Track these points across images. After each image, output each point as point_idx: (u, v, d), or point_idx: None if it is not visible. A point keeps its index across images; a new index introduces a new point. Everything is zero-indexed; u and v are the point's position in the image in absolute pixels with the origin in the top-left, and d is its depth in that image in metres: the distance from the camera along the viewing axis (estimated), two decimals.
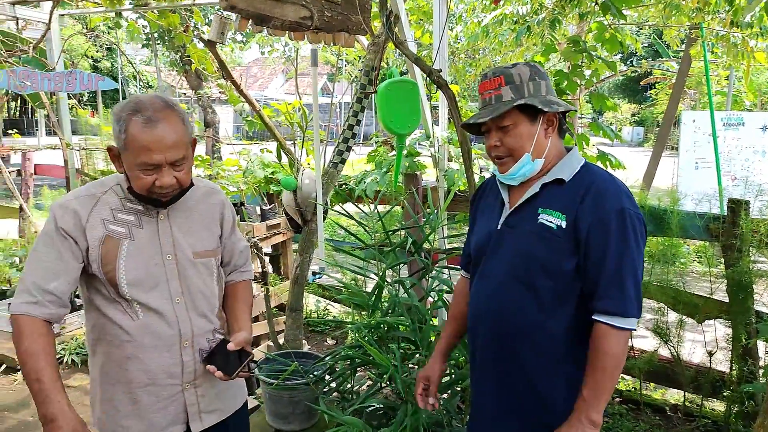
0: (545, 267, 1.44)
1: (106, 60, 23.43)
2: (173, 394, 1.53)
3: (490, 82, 1.50)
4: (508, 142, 1.48)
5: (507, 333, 1.50)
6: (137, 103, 1.41)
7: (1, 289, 4.39)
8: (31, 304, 1.40)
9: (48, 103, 4.92)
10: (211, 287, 1.61)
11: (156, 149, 1.38)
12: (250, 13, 1.98)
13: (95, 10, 4.94)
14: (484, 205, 1.67)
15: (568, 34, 7.16)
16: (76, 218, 1.44)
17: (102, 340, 1.52)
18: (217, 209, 1.65)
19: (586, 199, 1.42)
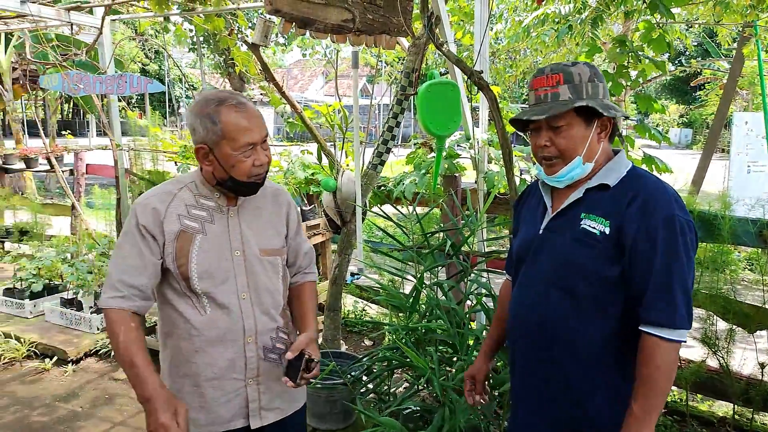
0: (586, 274, 1.40)
1: (153, 63, 24.17)
2: (237, 389, 1.57)
3: (547, 78, 1.43)
4: (560, 143, 1.43)
5: (547, 340, 1.47)
6: (217, 96, 1.49)
7: (54, 284, 4.59)
8: (118, 299, 1.49)
9: (99, 105, 5.11)
10: (277, 285, 1.65)
11: (255, 127, 1.49)
12: (293, 16, 2.01)
13: (144, 15, 5.11)
14: (527, 210, 1.65)
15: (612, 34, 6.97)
16: (156, 214, 1.51)
17: (172, 333, 1.58)
18: (284, 209, 1.70)
19: (633, 205, 1.36)
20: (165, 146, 4.98)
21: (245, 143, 1.47)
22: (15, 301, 4.43)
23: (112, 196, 5.25)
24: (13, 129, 9.67)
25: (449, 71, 3.32)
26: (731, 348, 2.82)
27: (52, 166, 6.31)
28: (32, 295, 4.41)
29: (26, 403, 3.31)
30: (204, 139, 1.49)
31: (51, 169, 6.54)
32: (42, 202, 6.98)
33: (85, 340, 3.98)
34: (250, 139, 1.48)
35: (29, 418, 3.15)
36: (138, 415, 3.20)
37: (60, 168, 6.38)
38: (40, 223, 5.94)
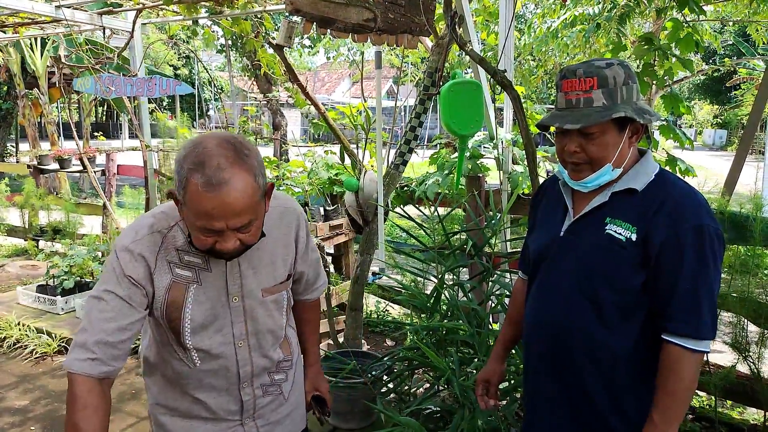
0: (611, 281, 1.35)
1: (184, 68, 24.67)
2: (231, 427, 1.48)
3: (579, 82, 1.33)
4: (591, 150, 1.35)
5: (567, 347, 1.42)
6: (202, 155, 1.16)
7: (85, 281, 4.71)
8: (88, 361, 1.24)
9: (130, 107, 5.23)
10: (279, 321, 1.49)
11: (217, 216, 1.16)
12: (314, 16, 2.03)
13: (174, 19, 5.22)
14: (545, 208, 1.58)
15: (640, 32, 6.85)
16: (144, 265, 1.29)
17: (161, 375, 1.45)
18: (293, 230, 1.48)
19: (661, 212, 1.31)
20: None
21: (201, 226, 1.19)
22: (47, 298, 4.56)
23: (142, 195, 5.36)
24: (48, 131, 9.99)
25: (473, 71, 3.30)
26: (762, 353, 2.74)
27: (85, 166, 6.48)
28: (64, 291, 4.53)
29: (56, 397, 3.40)
30: (176, 191, 1.23)
31: (84, 170, 6.72)
32: (75, 201, 7.18)
33: None
34: (207, 226, 1.18)
35: (59, 412, 3.24)
36: None
37: (92, 169, 6.55)
38: (73, 222, 6.10)
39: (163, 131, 5.61)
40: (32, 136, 10.05)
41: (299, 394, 1.66)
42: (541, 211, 1.60)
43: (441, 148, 4.34)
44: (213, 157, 1.16)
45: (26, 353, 3.92)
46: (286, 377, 1.56)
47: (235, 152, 1.18)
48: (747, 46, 9.11)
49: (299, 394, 1.66)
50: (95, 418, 1.22)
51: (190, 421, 1.46)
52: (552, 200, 1.55)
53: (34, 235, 6.48)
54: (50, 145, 9.84)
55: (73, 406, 1.23)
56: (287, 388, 1.58)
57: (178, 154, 1.22)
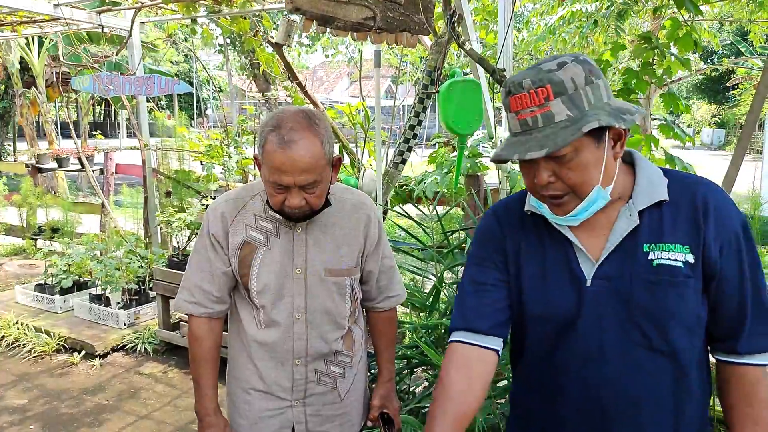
0: (687, 323, 1.08)
1: (184, 64, 24.65)
2: (282, 407, 1.55)
3: (530, 95, 1.02)
4: (568, 176, 1.05)
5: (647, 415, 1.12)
6: (279, 119, 1.35)
7: (83, 281, 4.70)
8: (192, 304, 1.53)
9: (129, 105, 5.23)
10: (341, 308, 1.54)
11: (287, 171, 1.31)
12: (314, 14, 2.03)
13: (172, 18, 5.21)
14: (528, 248, 1.19)
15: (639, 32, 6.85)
16: (224, 221, 1.49)
17: (237, 336, 1.58)
18: (362, 224, 1.54)
19: (709, 218, 1.07)
20: (191, 146, 5.06)
21: (273, 181, 1.35)
22: (46, 297, 4.55)
23: (140, 194, 5.35)
24: (46, 130, 9.97)
25: (472, 70, 3.30)
26: None
27: (83, 165, 6.48)
28: (62, 290, 4.53)
29: (55, 396, 3.40)
30: (257, 152, 1.43)
31: (82, 169, 6.71)
32: (73, 200, 7.17)
33: (112, 335, 4.07)
34: (279, 181, 1.33)
35: (58, 410, 3.24)
36: (162, 408, 3.26)
37: (90, 168, 6.54)
38: (71, 221, 6.09)
39: (162, 130, 5.60)
40: (30, 135, 10.03)
41: (357, 401, 1.65)
42: (520, 255, 1.20)
43: (440, 147, 4.34)
44: (288, 121, 1.34)
45: (25, 352, 3.92)
46: (344, 374, 1.58)
47: (308, 120, 1.36)
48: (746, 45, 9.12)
49: (357, 401, 1.65)
50: (204, 344, 1.54)
51: (249, 396, 1.56)
52: (534, 238, 1.19)
53: (32, 234, 6.47)
54: (48, 144, 9.82)
55: (189, 338, 1.56)
56: (343, 387, 1.59)
57: (260, 123, 1.45)
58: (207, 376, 1.55)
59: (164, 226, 4.57)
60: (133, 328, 4.17)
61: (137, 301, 4.35)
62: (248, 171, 4.79)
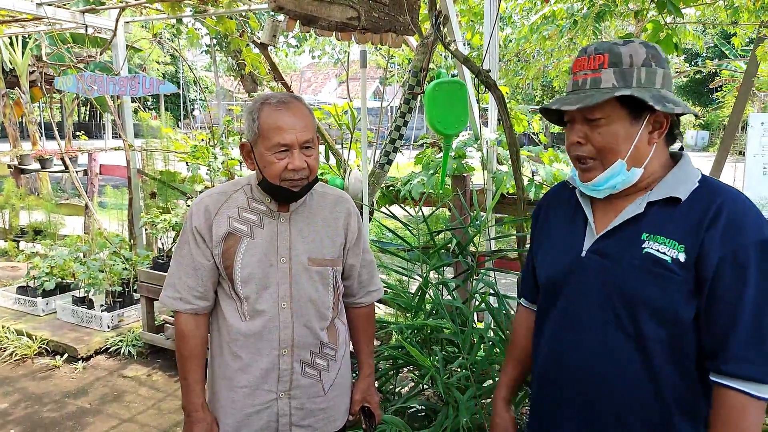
0: (658, 312, 1.11)
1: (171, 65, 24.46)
2: (267, 401, 1.55)
3: (589, 60, 1.13)
4: (596, 140, 1.14)
5: (604, 398, 1.18)
6: (267, 95, 1.47)
7: (66, 283, 4.64)
8: (177, 300, 1.54)
9: (113, 106, 5.17)
10: (324, 297, 1.57)
11: (288, 128, 1.41)
12: (297, 13, 2.02)
13: (157, 17, 5.17)
14: (555, 222, 1.32)
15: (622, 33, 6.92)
16: (207, 214, 1.52)
17: (219, 333, 1.58)
18: (343, 217, 1.61)
19: (716, 226, 1.08)
20: (176, 147, 5.02)
21: (276, 143, 1.41)
22: (28, 299, 4.49)
23: (125, 196, 5.30)
24: (30, 131, 9.83)
25: (458, 71, 3.31)
26: None
27: (67, 166, 6.40)
28: (45, 293, 4.47)
29: (36, 399, 3.35)
30: (247, 136, 1.49)
31: (66, 170, 6.63)
32: (56, 202, 7.08)
33: (95, 338, 4.02)
34: (281, 140, 1.41)
35: (39, 414, 3.19)
36: (146, 412, 3.22)
37: (74, 169, 6.46)
38: (54, 222, 6.02)
39: (147, 131, 5.55)
40: (13, 136, 9.88)
41: (339, 396, 1.67)
42: (549, 226, 1.34)
43: (426, 147, 4.35)
44: (275, 95, 1.48)
45: (6, 355, 3.86)
46: (328, 367, 1.61)
47: (292, 94, 1.52)
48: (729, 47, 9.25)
49: (339, 396, 1.67)
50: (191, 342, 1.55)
51: (235, 393, 1.55)
52: (564, 212, 1.30)
53: (15, 235, 6.37)
54: (31, 145, 9.69)
55: (176, 335, 1.57)
56: (327, 381, 1.61)
57: (245, 110, 1.49)
58: (194, 372, 1.55)
59: (149, 228, 4.53)
60: (117, 331, 4.13)
61: (121, 304, 4.30)
62: (234, 172, 4.76)
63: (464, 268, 2.66)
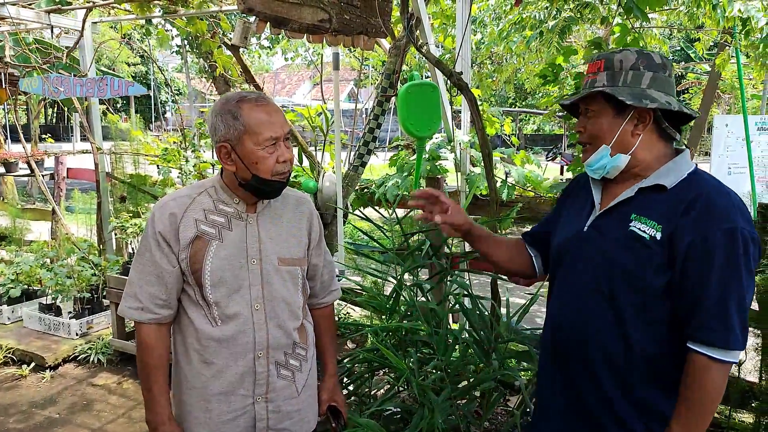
0: (630, 279, 1.30)
1: (141, 66, 24.00)
2: (244, 406, 1.52)
3: (592, 65, 1.39)
4: (589, 129, 1.40)
5: (583, 344, 1.37)
6: (237, 94, 1.47)
7: (33, 290, 4.52)
8: (137, 310, 1.50)
9: (81, 108, 5.06)
10: (295, 297, 1.58)
11: (275, 121, 1.44)
12: (267, 15, 2.00)
13: (126, 18, 5.07)
14: (572, 202, 1.55)
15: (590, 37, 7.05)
16: (173, 218, 1.48)
17: (185, 342, 1.54)
18: (306, 218, 1.63)
19: (691, 212, 1.24)
20: (147, 150, 4.93)
21: (268, 137, 1.43)
22: None
23: (93, 200, 5.19)
24: None
25: (431, 73, 3.33)
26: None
27: (33, 170, 6.23)
28: (10, 300, 4.34)
29: (2, 410, 3.25)
30: (225, 136, 1.44)
31: (32, 174, 6.46)
32: (22, 206, 6.89)
33: (63, 346, 3.92)
34: (272, 133, 1.43)
35: (5, 426, 3.09)
36: (116, 421, 3.16)
37: (40, 172, 6.30)
38: (20, 228, 5.85)
39: (116, 134, 5.45)
40: None
41: (311, 397, 1.67)
42: (567, 205, 1.57)
43: (400, 149, 4.36)
44: (246, 92, 1.49)
45: None
46: (300, 367, 1.60)
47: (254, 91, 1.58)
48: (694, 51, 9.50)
49: (310, 397, 1.67)
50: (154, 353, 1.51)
51: (209, 403, 1.52)
52: (581, 197, 1.52)
53: None
54: None
55: (138, 346, 1.53)
56: (300, 381, 1.61)
57: (216, 111, 1.46)
58: (159, 383, 1.51)
59: (119, 232, 4.44)
60: (86, 338, 4.03)
61: (90, 310, 4.20)
62: (206, 175, 4.70)
63: (438, 270, 2.67)
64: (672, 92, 1.36)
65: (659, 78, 1.34)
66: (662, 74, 1.34)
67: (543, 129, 29.75)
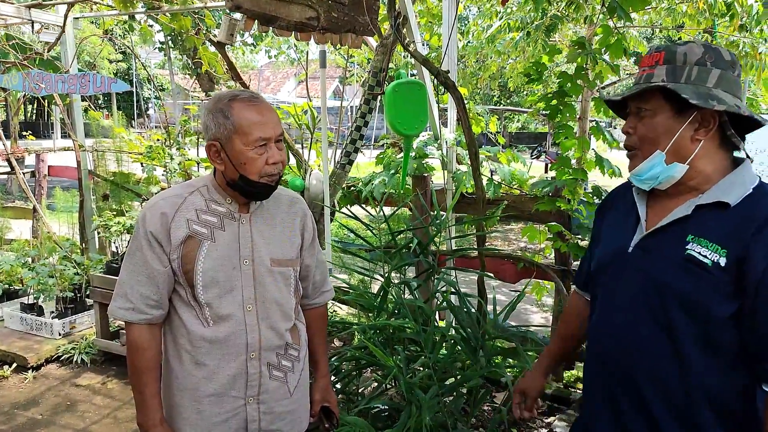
0: (687, 306, 1.14)
1: (123, 62, 23.67)
2: (236, 408, 1.51)
3: (649, 57, 1.21)
4: (640, 130, 1.20)
5: (634, 378, 1.22)
6: (230, 93, 1.45)
7: (14, 289, 4.45)
8: (129, 311, 1.47)
9: (62, 105, 4.98)
10: (288, 298, 1.57)
11: (266, 122, 1.42)
12: (255, 13, 1.99)
13: (109, 13, 5.00)
14: (613, 217, 1.37)
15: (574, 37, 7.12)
16: (163, 219, 1.45)
17: (176, 342, 1.52)
18: (299, 218, 1.61)
19: (764, 232, 1.09)
20: (130, 147, 4.88)
21: (258, 138, 1.40)
22: None
23: (75, 198, 5.11)
24: None
25: (418, 72, 3.33)
26: None
27: (13, 168, 6.12)
28: None
29: None
30: (215, 135, 1.42)
31: (12, 172, 6.34)
32: (2, 205, 6.77)
33: (46, 346, 3.87)
34: (262, 134, 1.40)
35: None
36: (101, 421, 3.12)
37: (21, 170, 6.19)
38: (0, 226, 5.75)
39: (98, 130, 5.37)
40: None
41: (303, 397, 1.67)
42: (607, 221, 1.40)
43: (387, 148, 4.36)
44: (240, 91, 1.47)
45: None
46: (292, 368, 1.59)
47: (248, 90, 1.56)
48: None
49: (303, 397, 1.67)
50: (146, 354, 1.48)
51: (200, 404, 1.50)
52: (622, 209, 1.35)
53: None
54: None
55: (128, 347, 1.50)
56: (293, 382, 1.60)
57: (208, 109, 1.44)
58: (151, 385, 1.49)
59: (102, 231, 4.38)
60: (69, 338, 3.98)
61: (73, 310, 4.15)
62: (191, 173, 4.66)
63: (425, 268, 2.69)
64: (740, 95, 1.19)
65: (727, 77, 1.16)
66: (731, 73, 1.17)
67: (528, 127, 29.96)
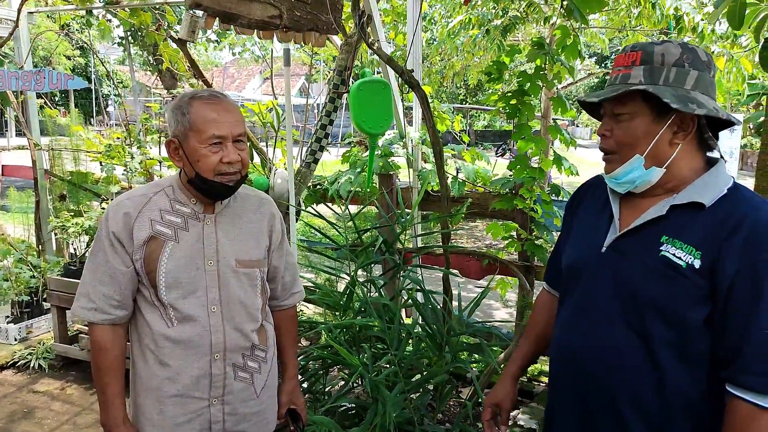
0: (664, 313, 1.12)
1: (80, 58, 22.95)
2: (199, 409, 1.50)
3: (624, 56, 1.17)
4: (618, 134, 1.17)
5: (606, 381, 1.19)
6: (194, 92, 1.46)
7: None
8: (91, 311, 1.46)
9: (16, 102, 4.81)
10: (254, 299, 1.55)
11: (222, 120, 1.41)
12: (216, 11, 1.97)
13: (65, 8, 4.85)
14: (584, 213, 1.34)
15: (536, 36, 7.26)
16: (127, 218, 1.44)
17: (141, 343, 1.51)
18: (267, 219, 1.61)
19: (736, 236, 1.07)
20: (88, 146, 4.74)
21: (211, 135, 1.39)
22: None
23: (31, 198, 4.94)
24: None
25: (383, 70, 3.35)
26: None
27: None
28: None
29: None
30: (174, 132, 1.43)
31: None
32: None
33: (1, 352, 3.73)
34: (217, 131, 1.39)
35: None
36: (60, 428, 3.04)
37: None
38: None
39: (54, 129, 5.21)
40: None
41: (270, 399, 1.65)
42: (579, 217, 1.36)
43: (353, 146, 4.36)
44: (203, 90, 1.48)
45: None
46: (259, 369, 1.58)
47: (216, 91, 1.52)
48: None
49: (270, 398, 1.65)
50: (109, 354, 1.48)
51: (163, 405, 1.49)
52: (595, 206, 1.31)
53: None
54: None
55: (92, 347, 1.50)
56: (259, 383, 1.58)
57: (170, 107, 1.45)
58: (113, 385, 1.48)
59: (59, 232, 4.25)
60: (26, 344, 3.85)
61: (29, 314, 4.01)
62: (153, 172, 4.56)
63: (391, 266, 2.70)
64: (715, 96, 1.16)
65: (704, 78, 1.14)
66: (707, 74, 1.14)
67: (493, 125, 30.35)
